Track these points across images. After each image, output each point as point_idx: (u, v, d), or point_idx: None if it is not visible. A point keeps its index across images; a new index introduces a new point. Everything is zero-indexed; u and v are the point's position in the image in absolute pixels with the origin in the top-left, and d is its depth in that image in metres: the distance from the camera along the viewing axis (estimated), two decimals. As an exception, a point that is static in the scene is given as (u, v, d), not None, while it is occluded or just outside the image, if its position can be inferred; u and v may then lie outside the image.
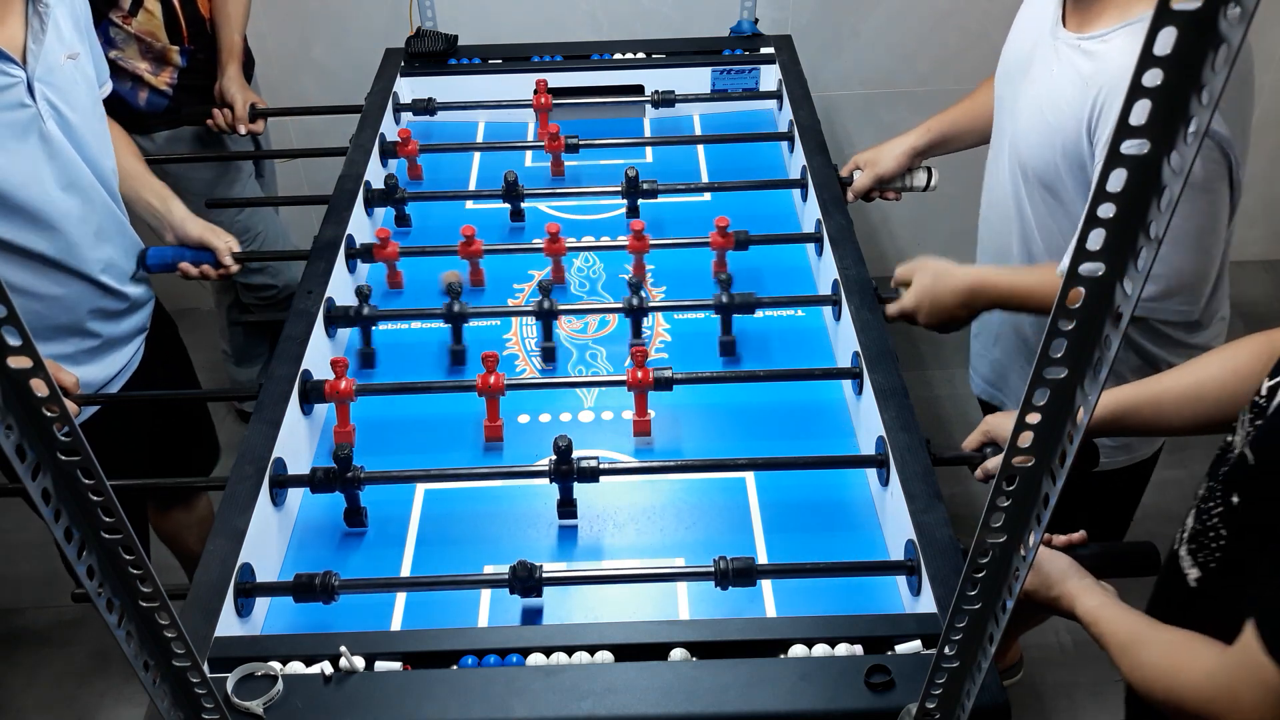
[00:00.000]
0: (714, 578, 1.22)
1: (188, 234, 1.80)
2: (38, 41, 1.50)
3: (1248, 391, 1.14)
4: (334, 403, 1.49)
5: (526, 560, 1.22)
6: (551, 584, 1.24)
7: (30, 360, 0.69)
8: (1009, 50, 1.66)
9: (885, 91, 2.93)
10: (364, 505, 1.38)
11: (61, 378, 1.55)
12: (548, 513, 1.38)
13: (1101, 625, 1.11)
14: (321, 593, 1.22)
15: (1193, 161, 0.57)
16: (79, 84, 1.60)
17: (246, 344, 2.78)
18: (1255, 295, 3.18)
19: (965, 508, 2.45)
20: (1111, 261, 0.63)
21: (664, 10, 2.76)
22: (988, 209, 1.77)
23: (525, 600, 1.28)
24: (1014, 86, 1.60)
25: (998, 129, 1.70)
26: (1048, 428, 0.72)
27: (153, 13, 2.12)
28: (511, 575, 1.22)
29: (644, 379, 1.46)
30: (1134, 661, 1.06)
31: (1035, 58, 1.55)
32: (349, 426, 1.51)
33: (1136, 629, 1.08)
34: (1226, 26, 0.53)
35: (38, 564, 2.47)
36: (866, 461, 1.41)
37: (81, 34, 1.64)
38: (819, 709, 1.06)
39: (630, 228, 1.74)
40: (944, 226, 3.14)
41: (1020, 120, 1.56)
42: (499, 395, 1.48)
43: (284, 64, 2.78)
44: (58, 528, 0.75)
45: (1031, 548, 0.78)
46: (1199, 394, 1.23)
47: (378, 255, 1.76)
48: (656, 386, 1.47)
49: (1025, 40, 1.61)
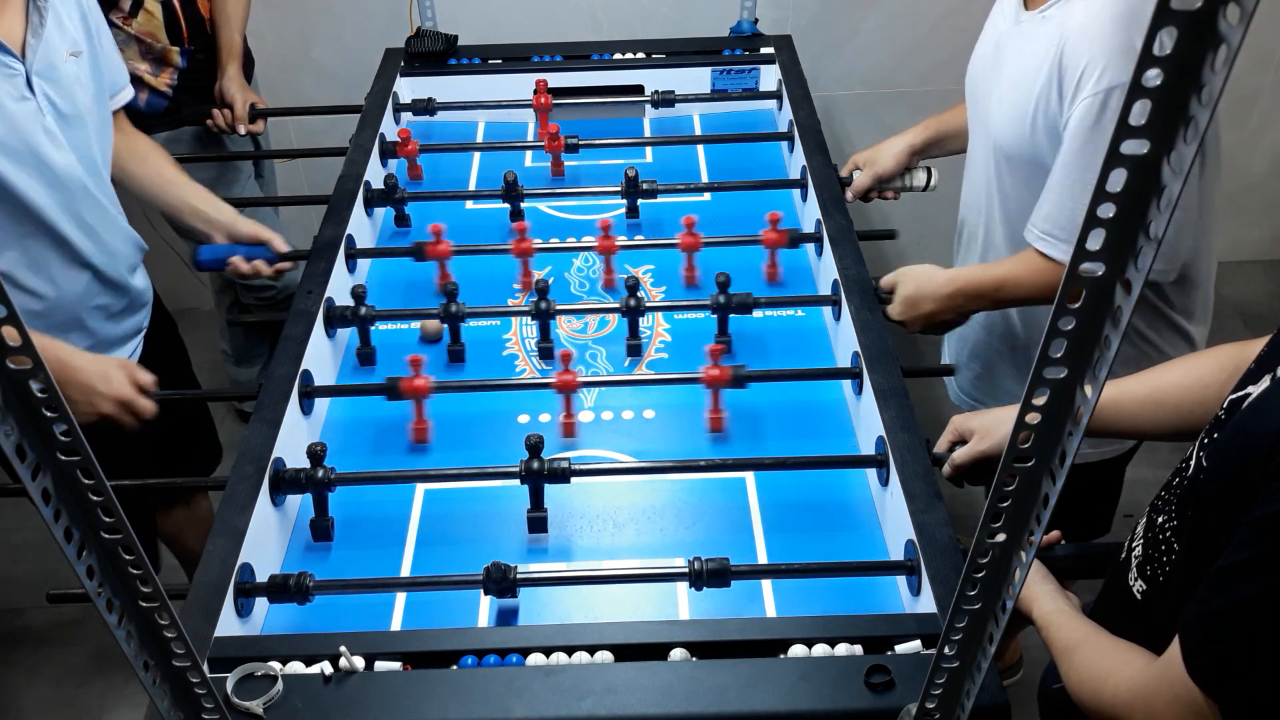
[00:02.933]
0: (688, 579, 1.22)
1: (240, 232, 1.82)
2: (36, 36, 1.51)
3: (1208, 400, 1.14)
4: (412, 400, 1.50)
5: (500, 561, 1.22)
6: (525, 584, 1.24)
7: (30, 360, 0.69)
8: (977, 51, 1.71)
9: (885, 91, 2.93)
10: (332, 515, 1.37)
11: (140, 376, 1.57)
12: (548, 513, 1.38)
13: (1050, 630, 1.12)
14: (296, 593, 1.22)
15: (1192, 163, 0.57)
16: (80, 81, 1.60)
17: (246, 344, 2.77)
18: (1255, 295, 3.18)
19: (965, 508, 2.45)
20: (1111, 261, 0.63)
21: (664, 10, 2.76)
22: (965, 209, 1.80)
23: (525, 600, 1.28)
24: (986, 81, 1.63)
25: (972, 128, 1.72)
26: (1048, 428, 0.72)
27: (153, 14, 2.12)
28: (485, 576, 1.22)
29: (721, 376, 1.47)
30: (1068, 665, 1.06)
31: (1003, 48, 1.58)
32: (425, 422, 1.51)
33: (1078, 635, 1.08)
34: (1226, 27, 0.53)
35: (38, 564, 2.47)
36: (866, 461, 1.41)
37: (90, 34, 1.64)
38: (819, 709, 1.06)
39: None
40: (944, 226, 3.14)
41: (993, 107, 1.59)
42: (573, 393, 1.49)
43: (284, 64, 2.78)
44: (58, 528, 0.75)
45: (1031, 547, 0.78)
46: (1158, 398, 1.23)
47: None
48: (733, 384, 1.47)
49: (991, 37, 1.65)
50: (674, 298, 1.76)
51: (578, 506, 1.41)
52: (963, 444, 1.36)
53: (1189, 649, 0.91)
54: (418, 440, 1.51)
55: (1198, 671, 0.90)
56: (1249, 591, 0.87)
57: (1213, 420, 1.04)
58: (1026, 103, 1.49)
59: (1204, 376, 1.20)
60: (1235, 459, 0.93)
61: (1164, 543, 1.07)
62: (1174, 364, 1.26)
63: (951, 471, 1.36)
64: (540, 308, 1.61)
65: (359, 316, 1.62)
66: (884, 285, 1.65)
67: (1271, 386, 0.94)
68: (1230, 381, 1.10)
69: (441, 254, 1.75)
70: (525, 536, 1.37)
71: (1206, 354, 1.24)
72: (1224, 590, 0.89)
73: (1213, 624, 0.90)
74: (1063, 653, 1.08)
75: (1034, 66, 1.47)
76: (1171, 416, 1.22)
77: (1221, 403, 1.04)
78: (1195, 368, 1.22)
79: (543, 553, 1.35)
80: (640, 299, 1.61)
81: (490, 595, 1.24)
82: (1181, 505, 1.03)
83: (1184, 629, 0.92)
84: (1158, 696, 0.94)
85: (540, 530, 1.36)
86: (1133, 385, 1.26)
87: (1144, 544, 1.12)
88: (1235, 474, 0.92)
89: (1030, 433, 0.73)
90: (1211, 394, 1.16)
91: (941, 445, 1.39)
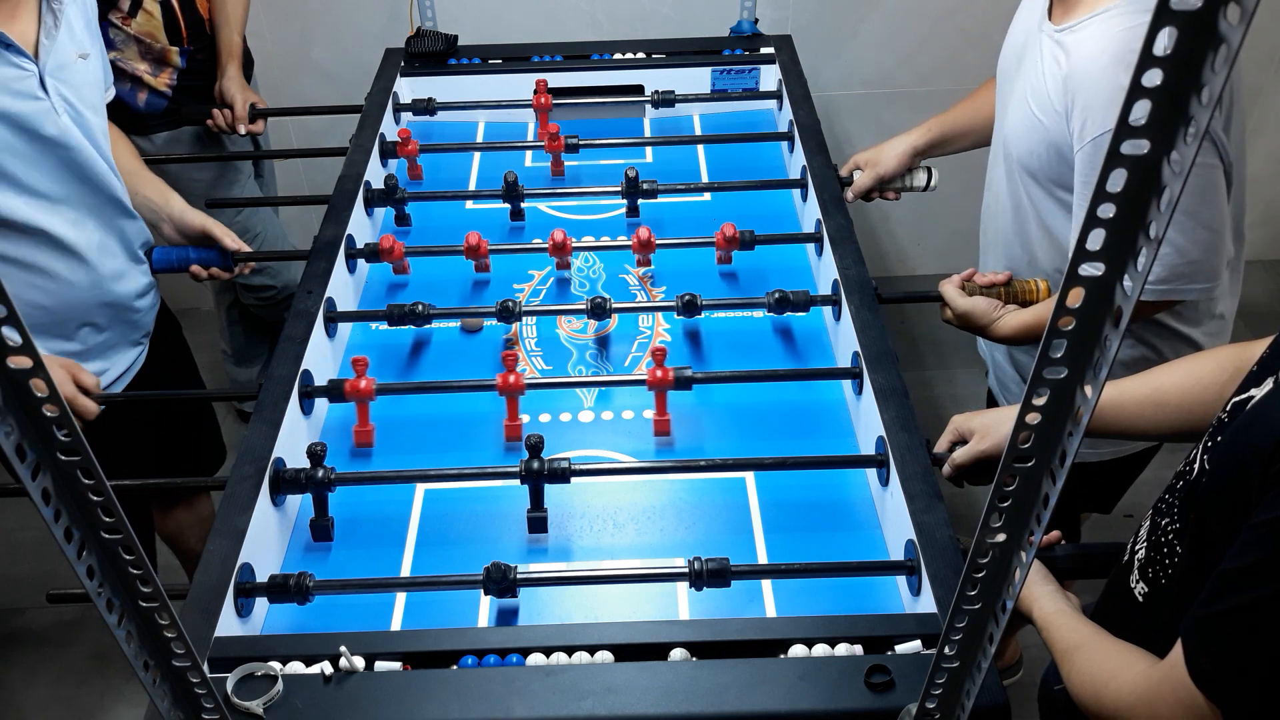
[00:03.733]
0: (688, 579, 1.22)
1: (189, 225, 1.79)
2: (50, 38, 1.52)
3: (1209, 401, 1.14)
4: (354, 402, 1.49)
5: (500, 561, 1.22)
6: (525, 584, 1.24)
7: (30, 360, 0.68)
8: (1006, 45, 1.67)
9: (885, 91, 2.93)
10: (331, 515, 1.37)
11: (83, 377, 1.56)
12: (548, 513, 1.38)
13: (1051, 631, 1.12)
14: (295, 593, 1.22)
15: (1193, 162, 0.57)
16: (89, 82, 1.61)
17: (246, 344, 2.78)
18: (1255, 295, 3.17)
19: (965, 508, 2.45)
20: (1111, 261, 0.63)
21: (664, 10, 2.76)
22: (988, 208, 1.77)
23: (525, 601, 1.28)
24: (1009, 81, 1.61)
25: (996, 125, 1.70)
26: (1048, 428, 0.72)
27: (152, 14, 2.12)
28: (485, 576, 1.22)
29: (664, 378, 1.46)
30: (1070, 667, 1.06)
31: (1026, 51, 1.56)
32: (369, 426, 1.50)
33: (1080, 636, 1.08)
34: (1226, 27, 0.53)
35: (38, 564, 2.47)
36: (866, 461, 1.41)
37: (93, 35, 1.66)
38: (819, 709, 1.06)
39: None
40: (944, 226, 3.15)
41: (1010, 114, 1.58)
42: (519, 394, 1.48)
43: (284, 64, 2.78)
44: (58, 528, 0.75)
45: (1031, 548, 0.78)
46: (1159, 399, 1.23)
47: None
48: (676, 386, 1.47)
49: (1019, 34, 1.62)
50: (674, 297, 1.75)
51: (578, 506, 1.41)
52: (963, 444, 1.36)
53: (1191, 652, 0.91)
54: (360, 444, 1.50)
55: (1200, 675, 0.90)
56: (1251, 596, 0.87)
57: (1215, 423, 1.04)
58: (1040, 124, 1.47)
59: (1205, 377, 1.20)
60: (1237, 462, 0.93)
61: (1166, 545, 1.07)
62: (1175, 365, 1.26)
63: (952, 471, 1.36)
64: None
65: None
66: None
67: (1274, 389, 0.94)
68: (1231, 383, 1.09)
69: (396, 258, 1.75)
70: (525, 536, 1.37)
71: (1207, 355, 1.24)
72: (1226, 594, 0.89)
73: (1215, 628, 0.90)
74: (1064, 654, 1.08)
75: (1047, 92, 1.45)
76: (1173, 417, 1.22)
77: (1224, 405, 1.04)
78: (1196, 369, 1.22)
79: (543, 553, 1.35)
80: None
81: (490, 595, 1.24)
82: (1184, 508, 1.03)
83: (1186, 632, 0.92)
84: (1160, 700, 0.94)
85: (540, 530, 1.36)
86: (1134, 386, 1.26)
87: (1146, 546, 1.12)
88: (1237, 477, 0.92)
89: (1030, 433, 0.72)
90: (1212, 395, 1.16)
91: (941, 445, 1.39)
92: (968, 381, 2.92)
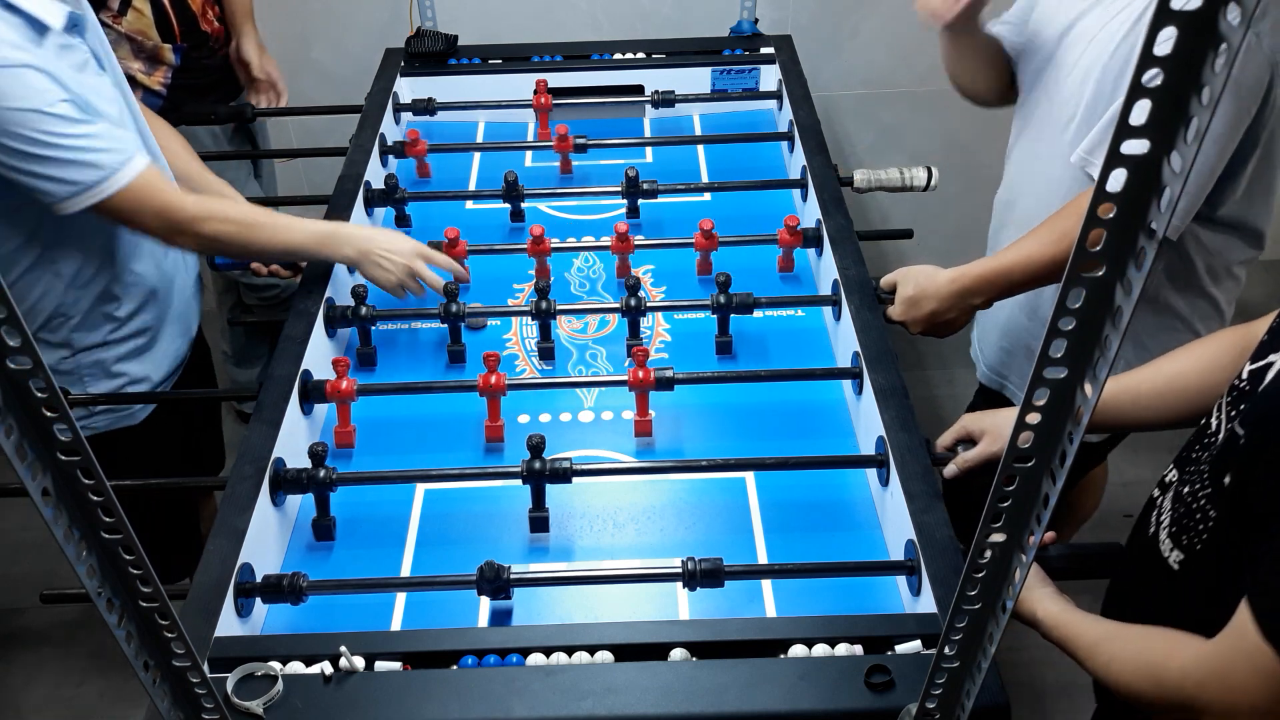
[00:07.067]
0: (681, 579, 1.22)
1: None
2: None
3: (1222, 382, 1.15)
4: (335, 403, 1.49)
5: (493, 560, 1.22)
6: (519, 585, 1.24)
7: (30, 360, 0.69)
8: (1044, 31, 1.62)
9: (885, 91, 2.92)
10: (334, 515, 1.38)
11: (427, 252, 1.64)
12: (548, 513, 1.38)
13: (1068, 628, 1.12)
14: (289, 594, 1.22)
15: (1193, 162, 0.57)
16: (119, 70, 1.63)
17: (247, 345, 2.77)
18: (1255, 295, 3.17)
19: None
20: (1111, 261, 0.63)
21: (664, 10, 2.75)
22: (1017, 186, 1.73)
23: (525, 601, 1.28)
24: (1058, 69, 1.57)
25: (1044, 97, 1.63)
26: (1048, 428, 0.72)
27: (142, 11, 2.10)
28: (479, 576, 1.22)
29: (645, 379, 1.46)
30: (1109, 657, 1.06)
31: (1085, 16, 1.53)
32: (350, 427, 1.51)
33: (1101, 628, 1.09)
34: (1226, 26, 0.53)
35: (38, 564, 2.47)
36: (866, 461, 1.41)
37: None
38: (819, 709, 1.06)
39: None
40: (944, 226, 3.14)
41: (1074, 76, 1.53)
42: (500, 395, 1.48)
43: (284, 64, 2.76)
44: (58, 528, 0.75)
45: (1031, 548, 0.78)
46: (1178, 385, 1.24)
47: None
48: (658, 386, 1.47)
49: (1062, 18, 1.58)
50: (674, 297, 1.76)
51: (578, 506, 1.41)
52: (969, 443, 1.36)
53: (1265, 616, 0.90)
54: (340, 445, 1.51)
55: (1275, 635, 0.90)
56: None
57: (1234, 390, 1.05)
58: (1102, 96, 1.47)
59: (1220, 356, 1.21)
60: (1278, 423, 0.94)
61: (1198, 510, 1.07)
62: (1180, 353, 1.27)
63: (958, 471, 1.35)
64: (540, 308, 1.60)
65: (359, 316, 1.62)
66: (884, 285, 1.62)
67: None
68: (1239, 361, 1.10)
69: (458, 255, 1.75)
70: (526, 536, 1.37)
71: (1210, 339, 1.25)
72: None
73: None
74: (1091, 647, 1.08)
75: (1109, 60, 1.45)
76: (1193, 400, 1.22)
77: (1239, 375, 1.05)
78: (1204, 353, 1.24)
79: (543, 553, 1.35)
80: (641, 299, 1.61)
81: (484, 595, 1.24)
82: (1215, 472, 1.03)
83: (1253, 599, 0.92)
84: (1233, 669, 0.93)
85: (542, 530, 1.36)
86: (1148, 375, 1.27)
87: (1172, 516, 1.12)
88: None
89: (1030, 433, 0.73)
90: (1224, 376, 1.17)
91: (945, 440, 1.38)
92: (968, 381, 2.91)
